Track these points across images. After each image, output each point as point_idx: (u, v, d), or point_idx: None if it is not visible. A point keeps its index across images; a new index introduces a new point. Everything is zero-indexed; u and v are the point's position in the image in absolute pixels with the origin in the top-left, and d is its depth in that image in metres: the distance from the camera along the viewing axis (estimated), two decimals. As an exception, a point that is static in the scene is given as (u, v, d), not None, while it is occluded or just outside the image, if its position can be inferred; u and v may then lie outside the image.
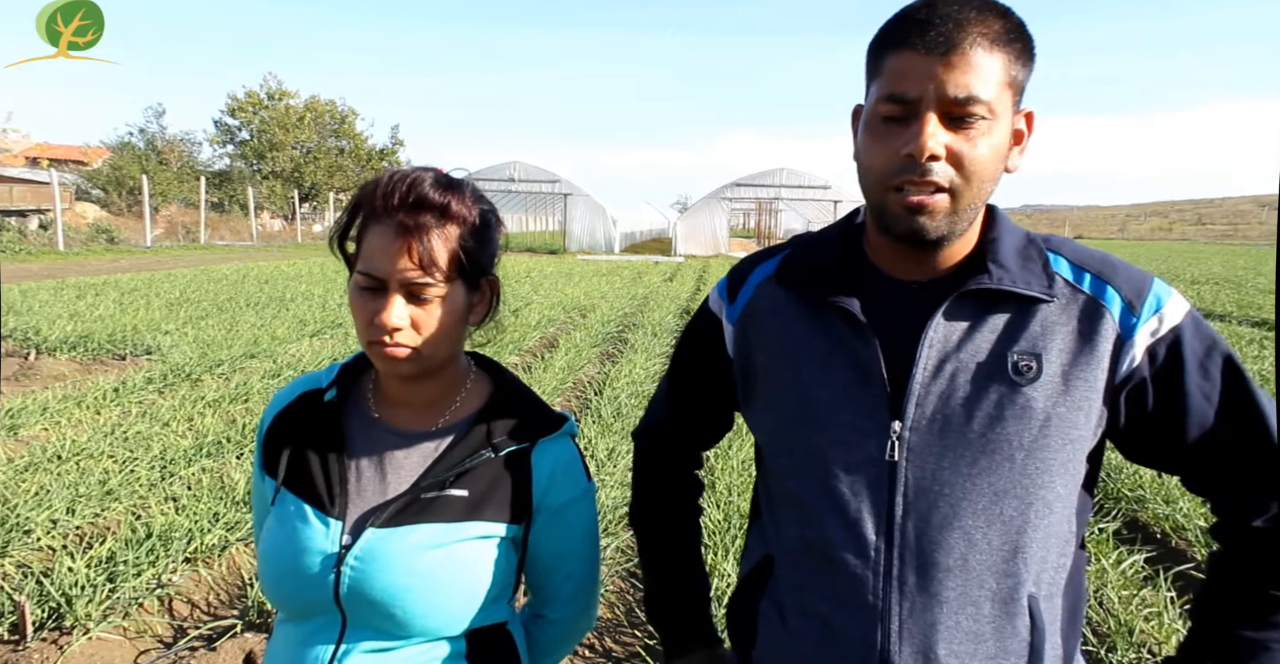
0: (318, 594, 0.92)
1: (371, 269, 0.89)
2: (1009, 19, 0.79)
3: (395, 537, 0.92)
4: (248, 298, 10.67)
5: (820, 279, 0.90)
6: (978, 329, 0.83)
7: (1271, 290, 15.48)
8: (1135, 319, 0.82)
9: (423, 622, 0.92)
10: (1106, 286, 0.83)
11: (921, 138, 0.76)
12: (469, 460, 0.95)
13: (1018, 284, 0.82)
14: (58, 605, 2.62)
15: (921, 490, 0.83)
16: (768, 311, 0.94)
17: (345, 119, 37.51)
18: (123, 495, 3.53)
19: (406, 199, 0.89)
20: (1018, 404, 0.81)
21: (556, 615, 1.07)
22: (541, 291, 12.60)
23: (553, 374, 6.29)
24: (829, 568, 0.86)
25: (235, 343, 7.31)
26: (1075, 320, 0.83)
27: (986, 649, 0.82)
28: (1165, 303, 0.83)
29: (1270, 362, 7.43)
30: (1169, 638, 2.59)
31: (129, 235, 21.88)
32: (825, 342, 0.88)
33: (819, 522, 0.87)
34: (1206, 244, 47.74)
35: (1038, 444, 0.81)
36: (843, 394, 0.86)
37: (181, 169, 31.38)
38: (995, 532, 0.81)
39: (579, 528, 1.03)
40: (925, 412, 0.83)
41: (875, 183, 0.81)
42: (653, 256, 25.30)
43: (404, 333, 0.90)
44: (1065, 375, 0.81)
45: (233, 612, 2.76)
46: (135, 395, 5.40)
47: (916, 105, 0.77)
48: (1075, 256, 0.87)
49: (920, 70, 0.77)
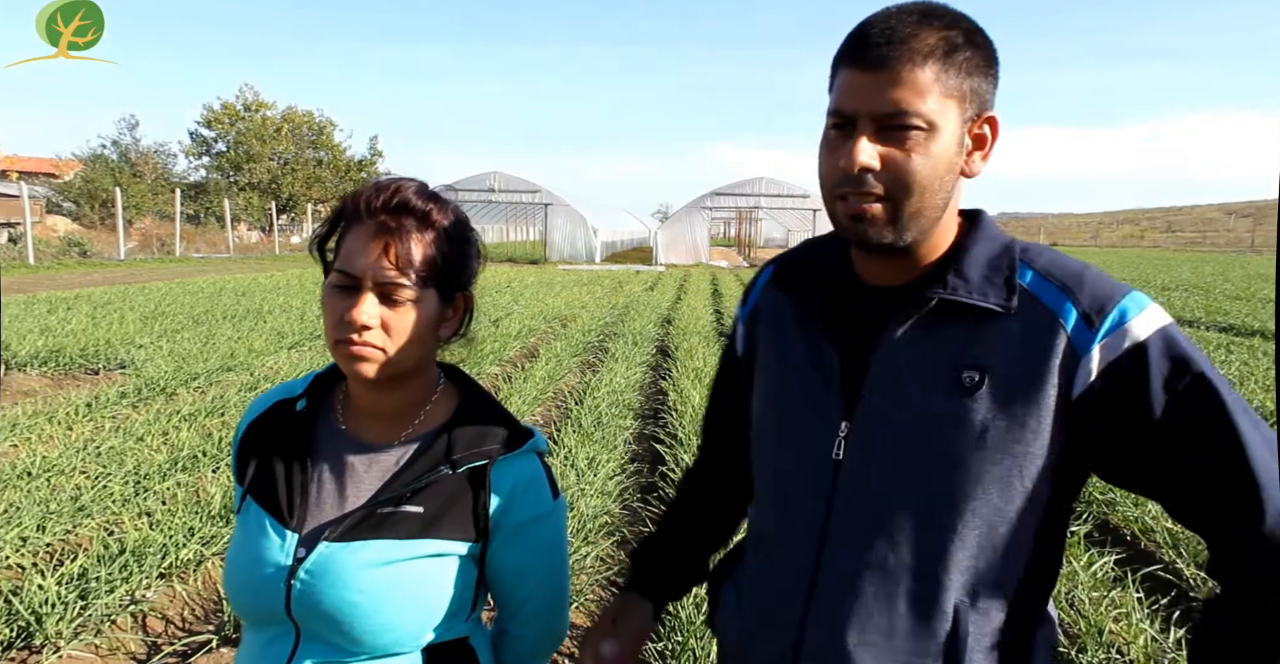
0: (270, 604, 0.92)
1: (347, 267, 0.90)
2: (953, 30, 0.81)
3: (347, 552, 0.91)
4: (224, 310, 10.56)
5: (807, 283, 0.95)
6: (928, 339, 0.85)
7: (1238, 296, 15.82)
8: (1092, 334, 0.79)
9: (373, 638, 0.91)
10: (1066, 300, 0.81)
11: (853, 152, 0.81)
12: (426, 476, 0.94)
13: (973, 295, 0.83)
14: (27, 624, 2.57)
15: (857, 489, 0.88)
16: (766, 313, 1.01)
17: (323, 130, 37.27)
18: (95, 511, 3.48)
19: (390, 202, 0.91)
20: (956, 414, 0.83)
21: (521, 632, 1.06)
22: (522, 301, 12.59)
23: (533, 384, 6.29)
24: (775, 555, 0.94)
25: (211, 356, 7.23)
26: (1026, 334, 0.81)
27: (899, 645, 0.85)
28: (1131, 317, 0.79)
29: (1237, 366, 7.60)
30: (1137, 637, 2.65)
31: (102, 248, 21.55)
32: (803, 344, 0.93)
33: (772, 513, 0.96)
34: (1176, 251, 48.69)
35: (973, 456, 0.82)
36: (806, 395, 0.92)
37: (156, 181, 30.99)
38: (921, 536, 0.84)
39: (541, 546, 1.02)
40: (870, 415, 0.87)
41: (825, 192, 0.86)
42: (634, 266, 25.36)
43: (373, 333, 0.89)
44: (1007, 389, 0.81)
45: (208, 627, 2.74)
46: (108, 410, 5.32)
47: (854, 120, 0.81)
48: (1046, 268, 0.84)
49: (855, 87, 0.81)
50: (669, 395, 6.06)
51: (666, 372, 7.12)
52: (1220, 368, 7.46)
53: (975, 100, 0.83)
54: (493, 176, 26.74)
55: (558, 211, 27.43)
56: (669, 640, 2.64)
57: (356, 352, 0.89)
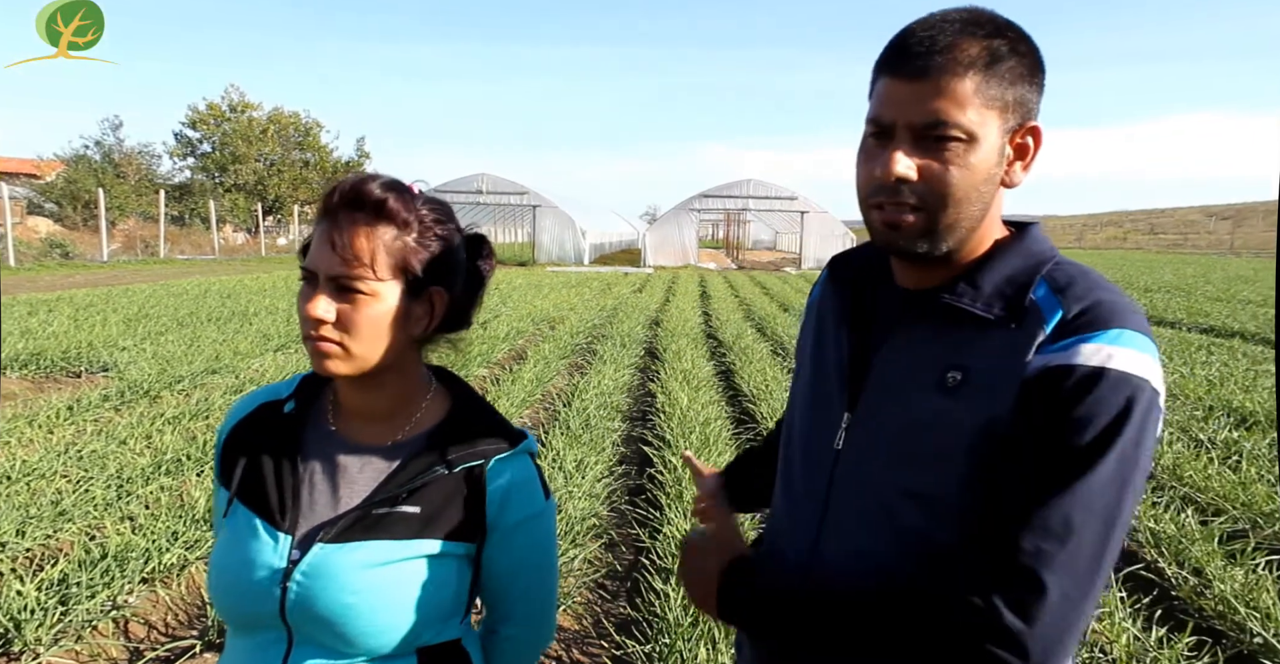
0: (263, 608, 0.91)
1: (307, 263, 0.91)
2: (996, 39, 0.80)
3: (343, 553, 0.91)
4: (209, 313, 10.47)
5: (851, 280, 0.98)
6: (931, 341, 0.87)
7: (1219, 298, 16.02)
8: (1060, 341, 0.76)
9: (369, 640, 0.91)
10: (1060, 311, 0.79)
11: (889, 162, 0.81)
12: (422, 476, 0.94)
13: (976, 305, 0.83)
14: (5, 631, 2.54)
15: (850, 479, 0.90)
16: (818, 306, 1.06)
17: (310, 131, 37.08)
18: (76, 516, 3.44)
19: (346, 197, 0.91)
20: (939, 412, 0.84)
21: (511, 632, 1.07)
22: (510, 303, 12.56)
23: (521, 386, 6.27)
24: (782, 540, 0.99)
25: (196, 358, 7.17)
26: (1013, 339, 0.80)
27: None
28: (1105, 348, 0.75)
29: (1218, 368, 7.69)
30: (1119, 637, 2.67)
31: (84, 250, 21.32)
32: (826, 337, 0.98)
33: (782, 495, 1.01)
34: (1159, 253, 49.25)
35: (957, 452, 0.82)
36: (821, 384, 0.97)
37: (140, 182, 30.71)
38: (912, 528, 0.84)
39: (534, 546, 1.02)
40: (869, 410, 0.89)
41: (861, 200, 0.87)
42: (622, 267, 25.37)
43: (329, 327, 0.89)
44: (984, 387, 0.81)
45: (192, 632, 2.71)
46: (90, 413, 5.26)
47: (891, 129, 0.82)
48: (1066, 285, 0.81)
49: (894, 97, 0.81)
50: (657, 397, 6.06)
51: (655, 374, 7.12)
52: (1202, 369, 7.55)
53: (1019, 110, 0.82)
54: (480, 179, 26.67)
55: (546, 213, 27.39)
56: (656, 642, 2.64)
57: (318, 347, 0.90)
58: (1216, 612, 2.93)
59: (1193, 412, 5.88)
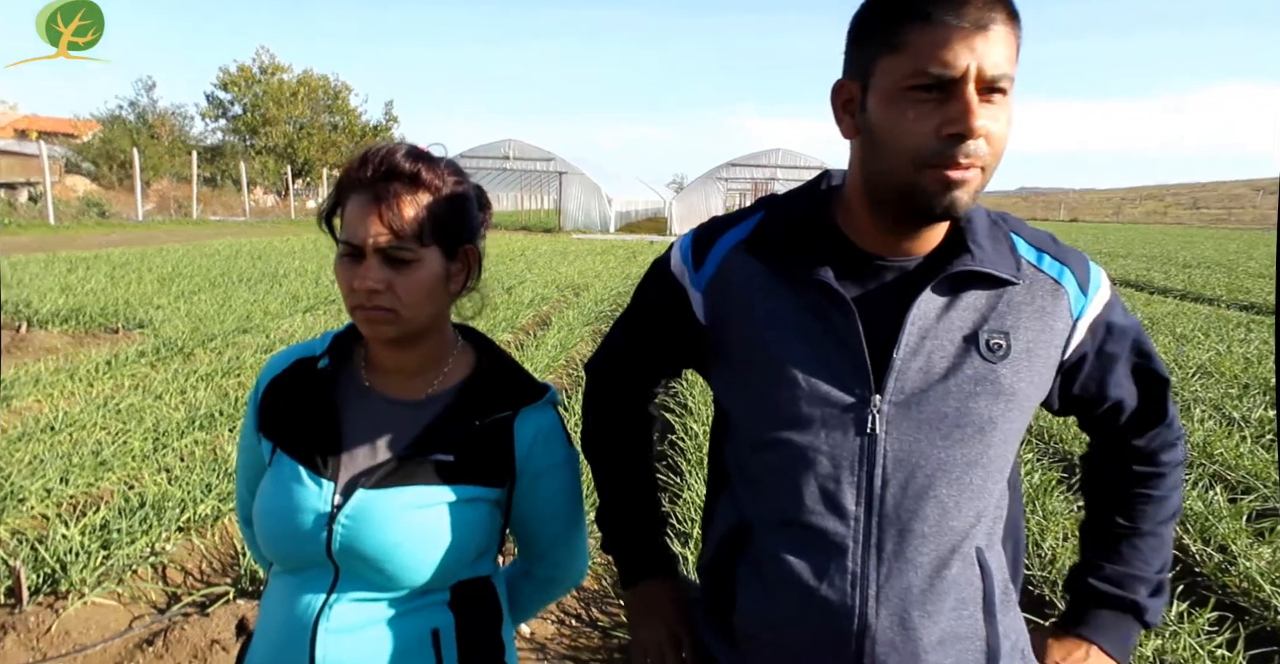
0: (311, 550, 0.97)
1: (349, 237, 0.95)
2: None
3: (384, 497, 0.97)
4: (240, 273, 10.63)
5: (795, 249, 0.89)
6: (954, 308, 0.86)
7: (1262, 275, 15.55)
8: (1085, 299, 0.90)
9: (410, 576, 0.97)
10: (1064, 269, 0.90)
11: (971, 117, 0.75)
12: (454, 427, 1.00)
13: (995, 266, 0.86)
14: (52, 571, 2.66)
15: (900, 462, 0.85)
16: (741, 280, 0.92)
17: (339, 95, 37.10)
18: (116, 466, 3.56)
19: (379, 170, 0.95)
20: (989, 380, 0.85)
21: (543, 573, 1.16)
22: (535, 270, 12.58)
23: (545, 352, 6.32)
24: (808, 537, 0.87)
25: (228, 318, 7.31)
26: (1038, 300, 0.88)
27: (949, 603, 0.86)
28: (1102, 283, 0.92)
29: (1257, 345, 7.50)
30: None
31: (120, 209, 21.72)
32: (804, 314, 0.88)
33: (799, 491, 0.87)
34: (1200, 228, 47.84)
35: (1004, 418, 0.86)
36: (822, 367, 0.86)
37: (173, 143, 31.08)
38: (965, 498, 0.86)
39: (560, 492, 1.09)
40: (904, 386, 0.85)
41: (909, 161, 0.78)
42: (648, 236, 25.22)
43: (382, 296, 0.94)
44: (1029, 353, 0.87)
45: (225, 579, 2.81)
46: (128, 368, 5.41)
47: (956, 82, 0.76)
48: (1032, 238, 0.92)
49: (960, 46, 0.75)
50: (680, 364, 6.07)
51: (678, 341, 7.11)
52: (1240, 346, 7.38)
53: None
54: (507, 144, 26.54)
55: (572, 180, 27.24)
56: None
57: (371, 316, 0.95)
58: (1241, 589, 2.91)
59: (1227, 389, 5.76)
